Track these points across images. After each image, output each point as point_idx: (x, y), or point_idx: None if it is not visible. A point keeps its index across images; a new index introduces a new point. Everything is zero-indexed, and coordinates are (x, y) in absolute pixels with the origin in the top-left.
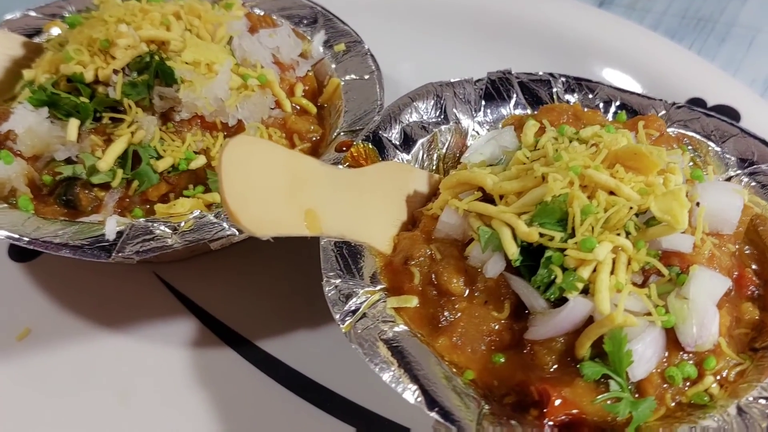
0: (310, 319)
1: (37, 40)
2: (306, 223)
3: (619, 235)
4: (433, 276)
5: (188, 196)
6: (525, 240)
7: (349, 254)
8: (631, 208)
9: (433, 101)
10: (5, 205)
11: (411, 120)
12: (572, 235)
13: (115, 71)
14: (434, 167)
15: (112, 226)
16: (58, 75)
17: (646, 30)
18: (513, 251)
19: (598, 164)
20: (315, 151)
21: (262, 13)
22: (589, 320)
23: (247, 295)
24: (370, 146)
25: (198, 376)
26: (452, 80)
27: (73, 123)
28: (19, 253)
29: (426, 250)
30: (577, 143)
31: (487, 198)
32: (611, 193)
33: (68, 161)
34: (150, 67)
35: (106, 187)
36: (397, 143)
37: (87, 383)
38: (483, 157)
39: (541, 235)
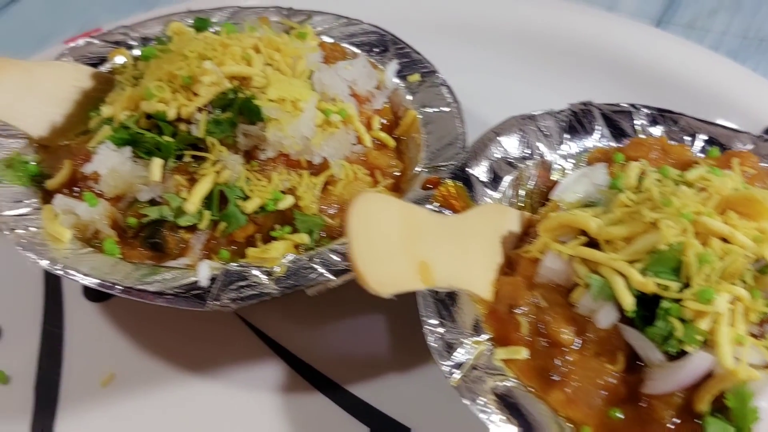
0: (403, 363)
1: (102, 68)
2: (420, 276)
3: (734, 284)
4: (540, 325)
5: (275, 237)
6: (639, 290)
7: (448, 299)
8: (746, 255)
9: (517, 135)
10: (90, 248)
11: (497, 156)
12: (687, 284)
13: (199, 109)
14: (521, 204)
15: (205, 272)
16: (139, 112)
17: (711, 52)
18: (629, 302)
19: (710, 210)
20: (397, 187)
21: (331, 41)
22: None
23: (335, 338)
24: (460, 185)
25: (287, 421)
26: (535, 113)
27: (157, 163)
28: (95, 293)
29: (531, 297)
30: (684, 186)
31: (590, 241)
32: (724, 239)
33: (152, 202)
34: (234, 105)
35: (191, 228)
36: (485, 180)
37: (174, 429)
38: (577, 196)
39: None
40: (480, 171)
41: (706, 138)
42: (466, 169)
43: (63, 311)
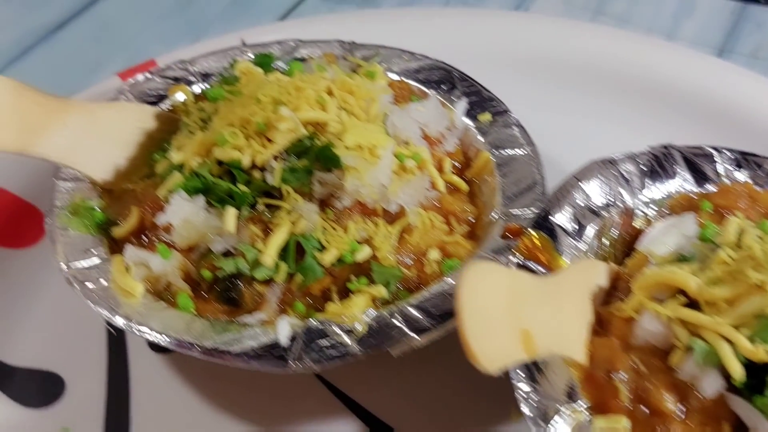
0: (488, 424)
1: (162, 105)
2: (523, 347)
3: None
4: (640, 392)
5: (351, 289)
6: (748, 358)
7: (540, 362)
8: None
9: (598, 181)
10: (161, 302)
11: (579, 203)
12: None
13: (274, 156)
14: (605, 254)
15: (285, 330)
16: (211, 158)
17: None
18: (739, 372)
19: None
20: (472, 234)
21: (397, 78)
22: None
23: (416, 397)
24: (544, 236)
25: None
26: (615, 157)
27: (231, 213)
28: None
29: (629, 361)
30: None
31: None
32: None
33: (226, 253)
34: (310, 152)
35: (267, 280)
36: (569, 230)
37: None
38: (668, 248)
39: None
40: (563, 220)
41: None
42: (549, 217)
43: (128, 364)
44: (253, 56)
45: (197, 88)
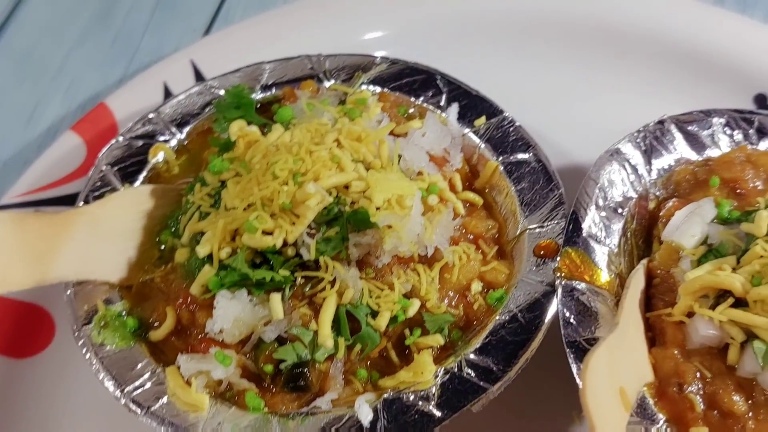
0: None
1: (145, 170)
2: (623, 406)
3: None
4: (710, 396)
5: (407, 345)
6: None
7: None
8: None
9: (611, 175)
10: (231, 406)
11: (600, 203)
12: None
13: (310, 232)
14: (630, 248)
15: (366, 411)
16: (241, 246)
17: None
18: None
19: None
20: (501, 252)
21: (378, 90)
22: None
23: None
24: (581, 251)
25: None
26: (618, 145)
27: (277, 300)
28: None
29: (694, 370)
30: None
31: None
32: None
33: (278, 339)
34: (340, 218)
35: (328, 357)
36: (600, 237)
37: None
38: (695, 239)
39: None
40: (592, 228)
41: None
42: (579, 228)
43: None
44: (222, 93)
45: (174, 142)
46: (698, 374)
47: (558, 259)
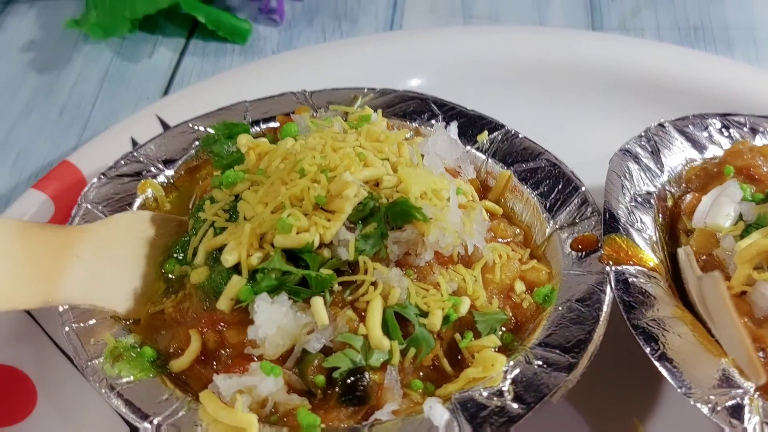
0: None
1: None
2: None
3: None
4: None
5: (460, 353)
6: None
7: None
8: None
9: (630, 171)
10: (282, 428)
11: (627, 196)
12: None
13: (348, 229)
14: (659, 239)
15: (439, 411)
16: (275, 249)
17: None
18: None
19: None
20: (533, 257)
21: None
22: None
23: None
24: (624, 236)
25: None
26: (627, 146)
27: (320, 303)
28: None
29: None
30: None
31: None
32: None
33: (324, 350)
34: (378, 213)
35: (381, 366)
36: (638, 225)
37: None
38: (731, 217)
39: None
40: (630, 217)
41: None
42: (618, 218)
43: None
44: (203, 129)
45: (162, 178)
46: None
47: (603, 247)
